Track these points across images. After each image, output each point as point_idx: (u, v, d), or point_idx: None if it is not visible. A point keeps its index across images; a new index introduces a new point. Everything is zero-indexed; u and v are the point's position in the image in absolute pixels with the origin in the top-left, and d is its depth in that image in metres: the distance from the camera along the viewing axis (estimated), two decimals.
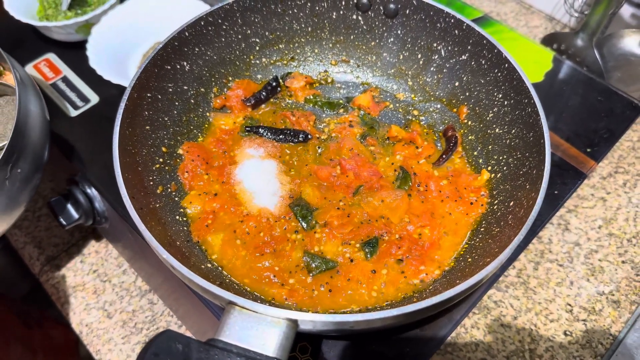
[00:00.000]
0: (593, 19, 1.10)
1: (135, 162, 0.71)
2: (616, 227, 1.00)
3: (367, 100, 0.90)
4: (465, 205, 0.76)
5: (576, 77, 1.02)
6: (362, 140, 0.85)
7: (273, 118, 0.89)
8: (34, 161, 0.73)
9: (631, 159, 1.09)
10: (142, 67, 0.73)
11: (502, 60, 0.76)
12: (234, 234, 0.73)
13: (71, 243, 1.06)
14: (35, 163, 0.73)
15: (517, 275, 0.94)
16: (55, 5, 1.06)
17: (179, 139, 0.82)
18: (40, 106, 0.77)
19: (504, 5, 1.43)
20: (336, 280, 0.69)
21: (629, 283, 0.93)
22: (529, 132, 0.72)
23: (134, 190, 0.66)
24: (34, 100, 0.75)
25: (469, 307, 0.76)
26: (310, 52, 0.94)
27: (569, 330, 0.88)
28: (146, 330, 0.94)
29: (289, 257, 0.71)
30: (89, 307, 0.98)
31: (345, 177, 0.79)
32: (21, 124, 0.70)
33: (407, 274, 0.70)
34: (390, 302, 0.68)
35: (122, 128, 0.68)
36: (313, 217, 0.75)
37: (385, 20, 0.88)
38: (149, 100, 0.76)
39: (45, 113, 0.78)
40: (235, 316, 0.53)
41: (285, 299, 0.67)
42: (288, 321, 0.53)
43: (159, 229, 0.66)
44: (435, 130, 0.87)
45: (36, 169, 0.74)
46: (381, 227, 0.74)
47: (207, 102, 0.88)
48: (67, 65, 1.02)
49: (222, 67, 0.89)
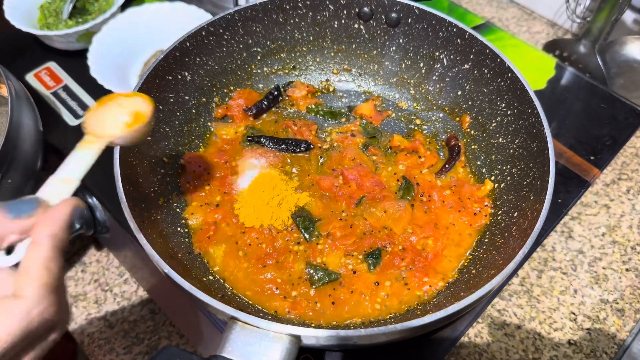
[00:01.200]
0: (595, 25, 1.10)
1: (136, 173, 0.71)
2: (620, 235, 0.99)
3: (369, 110, 0.89)
4: (469, 216, 0.75)
5: (579, 84, 1.02)
6: (365, 150, 0.85)
7: (275, 127, 0.88)
8: (25, 171, 0.73)
9: (634, 166, 1.09)
10: (142, 78, 0.73)
11: (505, 69, 0.75)
12: (236, 245, 0.73)
13: (72, 252, 1.05)
14: (26, 173, 0.74)
15: (521, 284, 0.93)
16: (56, 14, 1.05)
17: (180, 149, 0.82)
18: (34, 117, 0.77)
19: (505, 11, 1.42)
20: (339, 293, 0.69)
21: (633, 291, 0.92)
22: (533, 142, 0.71)
23: (135, 202, 0.65)
24: (27, 111, 0.76)
25: (472, 318, 0.76)
26: (312, 61, 0.94)
27: (573, 340, 0.87)
28: (148, 340, 0.94)
29: (292, 268, 0.71)
30: (90, 316, 0.97)
31: (347, 188, 0.79)
32: (12, 135, 0.70)
33: (410, 285, 0.69)
34: (393, 315, 0.67)
35: None
36: (315, 228, 0.75)
37: (387, 29, 0.87)
38: None
39: (38, 124, 0.78)
40: (238, 332, 0.53)
41: (287, 311, 0.67)
42: (291, 337, 0.53)
43: (160, 242, 0.65)
44: (437, 140, 0.87)
45: (28, 179, 0.75)
46: (384, 238, 0.73)
47: (208, 112, 0.88)
48: (68, 74, 1.02)
49: (224, 76, 0.88)
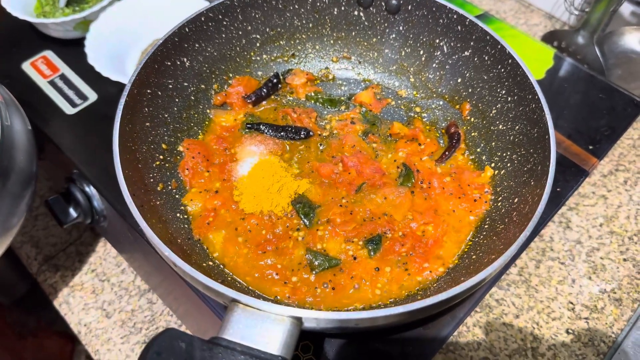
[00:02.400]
0: (594, 16, 1.10)
1: (136, 159, 0.70)
2: (617, 225, 1.00)
3: (369, 97, 0.89)
4: (469, 202, 0.75)
5: (577, 75, 1.02)
6: (364, 137, 0.85)
7: (274, 115, 0.88)
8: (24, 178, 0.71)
9: (632, 157, 1.09)
10: (142, 63, 0.72)
11: (505, 55, 0.75)
12: (236, 231, 0.72)
13: (69, 242, 1.04)
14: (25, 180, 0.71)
15: (519, 274, 0.93)
16: (53, 2, 1.04)
17: (179, 135, 0.81)
18: (22, 120, 0.74)
19: (503, 4, 1.42)
20: (339, 278, 0.69)
21: (631, 281, 0.93)
22: (533, 128, 0.71)
23: (135, 188, 0.65)
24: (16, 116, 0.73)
25: (471, 306, 0.76)
26: (311, 49, 0.93)
27: (571, 329, 0.87)
28: (145, 330, 0.93)
29: (292, 254, 0.71)
30: (87, 306, 0.96)
31: (347, 175, 0.78)
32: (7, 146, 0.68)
33: (410, 271, 0.69)
34: (394, 300, 0.67)
35: (122, 124, 0.67)
36: (315, 215, 0.74)
37: (387, 16, 0.87)
38: (149, 96, 0.75)
39: (27, 125, 0.76)
40: (239, 314, 0.53)
41: (288, 297, 0.67)
42: (292, 319, 0.52)
43: (159, 227, 0.65)
44: (437, 127, 0.87)
45: (27, 185, 0.73)
46: (384, 224, 0.73)
47: (207, 99, 0.87)
48: (65, 63, 1.01)
49: (223, 63, 0.88)
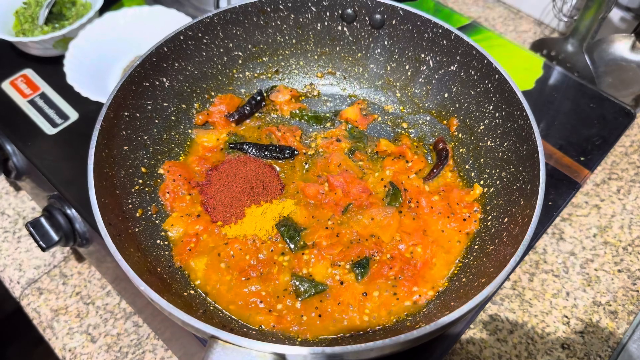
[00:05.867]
0: (583, 23, 1.09)
1: (113, 185, 0.68)
2: (611, 235, 0.98)
3: (355, 113, 0.87)
4: (458, 222, 0.73)
5: (567, 84, 1.00)
6: (350, 155, 0.83)
7: (258, 134, 0.86)
8: None
9: (624, 165, 1.08)
10: (118, 86, 0.70)
11: (492, 70, 0.74)
12: (218, 257, 0.70)
13: (53, 265, 1.02)
14: None
15: (512, 288, 0.92)
16: (32, 20, 1.02)
17: (159, 158, 0.79)
18: None
19: (492, 11, 1.41)
20: (326, 305, 0.67)
21: (626, 292, 0.91)
22: (522, 145, 0.69)
23: (111, 216, 0.63)
24: None
25: (465, 325, 0.74)
26: (295, 65, 0.92)
27: (567, 343, 0.86)
28: (132, 355, 0.91)
29: (276, 280, 0.68)
30: (72, 331, 0.94)
31: (333, 195, 0.76)
32: None
33: (399, 295, 0.67)
34: (382, 327, 0.65)
35: (97, 151, 0.65)
36: (301, 238, 0.72)
37: (371, 31, 0.85)
38: (126, 119, 0.73)
39: None
40: (219, 351, 0.51)
41: (273, 326, 0.64)
42: (275, 355, 0.50)
43: (137, 256, 0.63)
44: (425, 143, 0.85)
45: None
46: (372, 246, 0.71)
47: (188, 118, 0.85)
48: (45, 81, 0.99)
49: (204, 81, 0.86)
